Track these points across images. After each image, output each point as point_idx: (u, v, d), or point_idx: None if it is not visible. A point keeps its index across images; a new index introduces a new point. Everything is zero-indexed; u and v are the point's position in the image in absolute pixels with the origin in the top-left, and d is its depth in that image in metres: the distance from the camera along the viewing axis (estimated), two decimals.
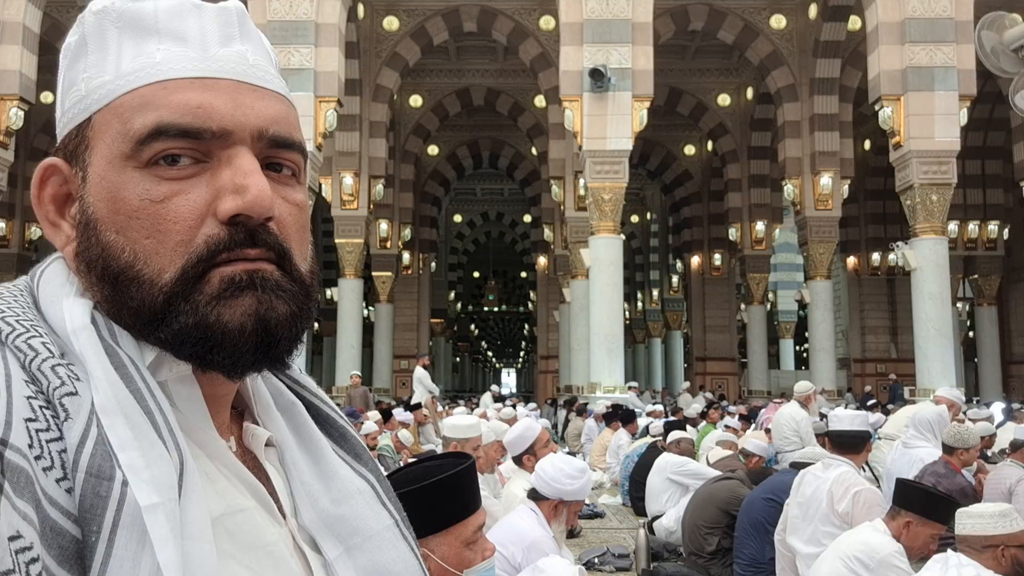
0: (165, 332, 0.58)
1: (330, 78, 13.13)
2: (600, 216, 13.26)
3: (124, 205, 0.58)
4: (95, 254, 0.59)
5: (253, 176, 0.59)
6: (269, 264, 0.60)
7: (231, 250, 0.58)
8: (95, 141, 0.60)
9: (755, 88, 21.19)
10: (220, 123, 0.59)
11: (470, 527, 1.82)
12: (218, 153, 0.59)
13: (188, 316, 0.57)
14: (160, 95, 0.59)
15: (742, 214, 21.81)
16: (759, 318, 22.28)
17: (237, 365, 0.60)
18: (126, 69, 0.60)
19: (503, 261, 41.14)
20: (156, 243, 0.58)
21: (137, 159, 0.58)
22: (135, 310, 0.58)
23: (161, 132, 0.58)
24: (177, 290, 0.58)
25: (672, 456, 6.96)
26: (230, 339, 0.58)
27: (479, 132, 25.43)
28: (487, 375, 65.03)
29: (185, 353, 0.59)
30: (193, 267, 0.58)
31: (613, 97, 12.89)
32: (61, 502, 0.51)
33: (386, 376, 21.18)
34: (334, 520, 0.66)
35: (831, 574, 3.38)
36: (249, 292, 0.59)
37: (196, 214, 0.58)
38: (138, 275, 0.58)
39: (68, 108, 0.62)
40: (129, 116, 0.59)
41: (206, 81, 0.60)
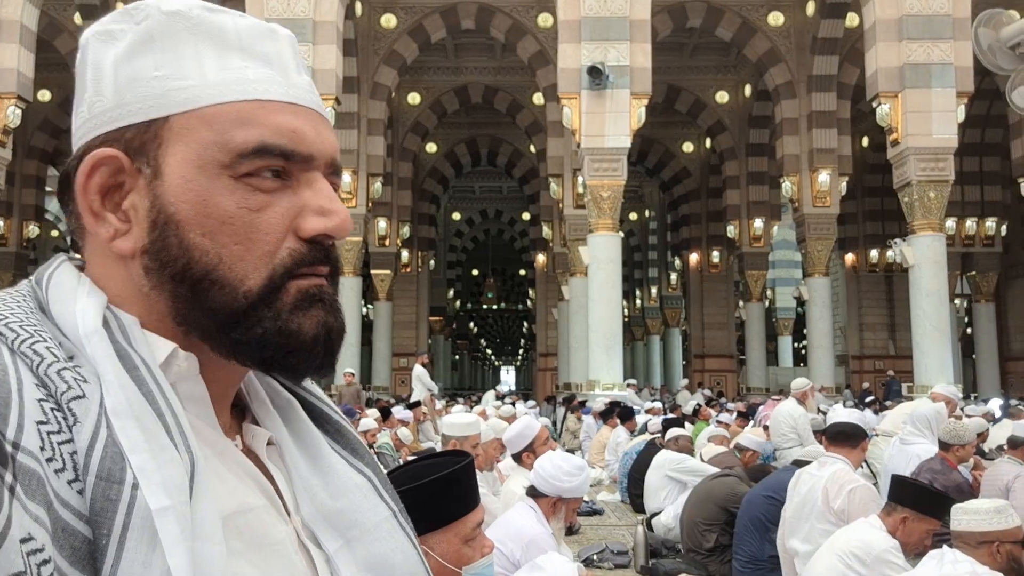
0: (244, 335, 0.61)
1: (328, 76, 13.13)
2: (599, 214, 13.27)
3: (217, 210, 0.61)
4: (174, 253, 0.61)
5: (337, 202, 0.65)
6: (326, 280, 0.65)
7: (310, 265, 0.63)
8: (173, 142, 0.62)
9: (753, 85, 21.19)
10: (308, 149, 0.64)
11: (469, 524, 1.83)
12: (298, 174, 0.64)
13: (270, 322, 0.61)
14: (259, 114, 0.62)
15: (740, 211, 21.81)
16: (757, 315, 22.29)
17: (307, 370, 0.64)
18: (213, 79, 0.62)
19: (502, 259, 41.10)
20: (243, 250, 0.61)
21: (233, 170, 0.61)
22: (213, 311, 0.61)
23: (264, 150, 0.61)
24: (261, 297, 0.61)
25: (670, 453, 6.98)
26: (305, 346, 0.62)
27: (477, 130, 25.41)
28: (486, 373, 65.03)
29: (261, 355, 0.62)
30: (279, 278, 0.62)
31: (611, 95, 12.89)
32: (73, 503, 0.52)
33: (385, 374, 21.18)
34: (333, 514, 0.67)
35: (827, 571, 3.40)
36: (318, 304, 0.63)
37: (282, 227, 0.62)
38: (221, 278, 0.61)
39: (130, 101, 0.62)
40: (227, 128, 0.61)
41: (294, 107, 0.64)
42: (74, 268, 0.64)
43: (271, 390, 0.73)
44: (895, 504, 3.38)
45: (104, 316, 0.59)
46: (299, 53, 0.70)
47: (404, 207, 22.30)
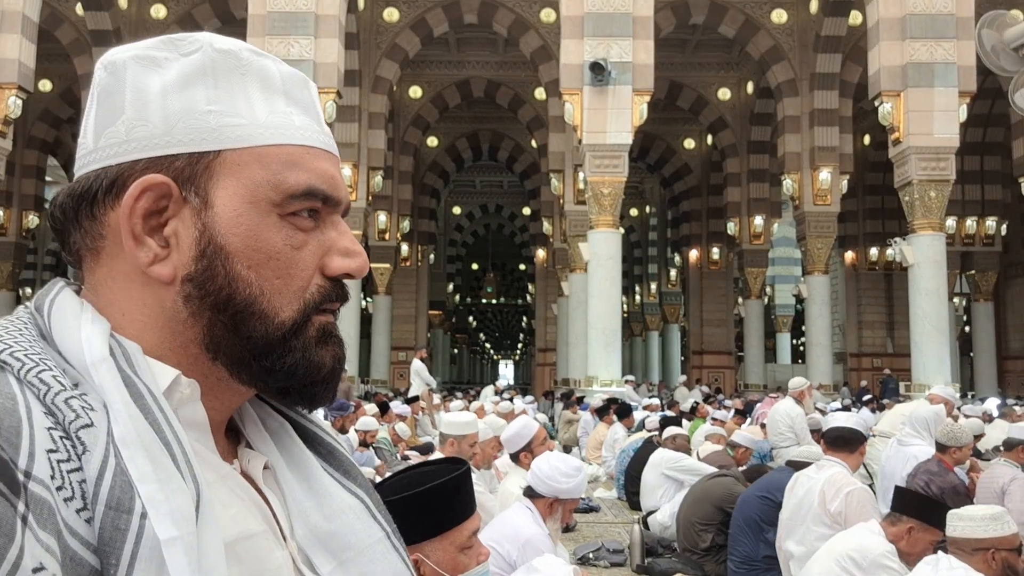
0: (275, 363, 0.64)
1: (329, 69, 13.10)
2: (599, 210, 13.27)
3: (266, 245, 0.64)
4: (220, 283, 0.63)
5: (358, 244, 0.69)
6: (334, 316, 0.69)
7: (331, 301, 0.67)
8: (224, 176, 0.64)
9: (755, 82, 21.15)
10: (338, 194, 0.68)
11: (464, 532, 1.84)
12: (325, 216, 0.68)
13: (300, 353, 0.65)
14: (306, 159, 0.66)
15: (741, 208, 21.79)
16: (756, 312, 22.29)
17: (324, 399, 0.69)
18: (265, 121, 0.65)
19: (502, 254, 41.07)
20: (283, 284, 0.65)
21: (282, 208, 0.65)
22: (250, 339, 0.64)
23: (311, 193, 0.65)
24: (293, 330, 0.65)
25: (667, 452, 6.99)
26: (325, 377, 0.67)
27: (479, 124, 25.36)
28: (485, 367, 65.04)
29: (286, 383, 0.66)
30: (309, 312, 0.65)
31: (613, 91, 12.88)
32: (82, 532, 0.52)
33: (384, 368, 21.19)
34: (326, 536, 0.68)
35: (824, 574, 3.41)
36: (332, 339, 0.68)
37: (314, 265, 0.66)
38: (261, 310, 0.64)
39: (181, 130, 0.63)
40: (279, 169, 0.65)
41: (328, 155, 0.69)
42: (74, 294, 0.64)
43: (263, 413, 0.74)
44: (900, 515, 3.38)
45: (108, 344, 0.60)
46: None
47: (404, 201, 22.28)
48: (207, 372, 0.65)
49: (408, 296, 23.63)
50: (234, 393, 0.67)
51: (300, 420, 0.75)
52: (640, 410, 11.79)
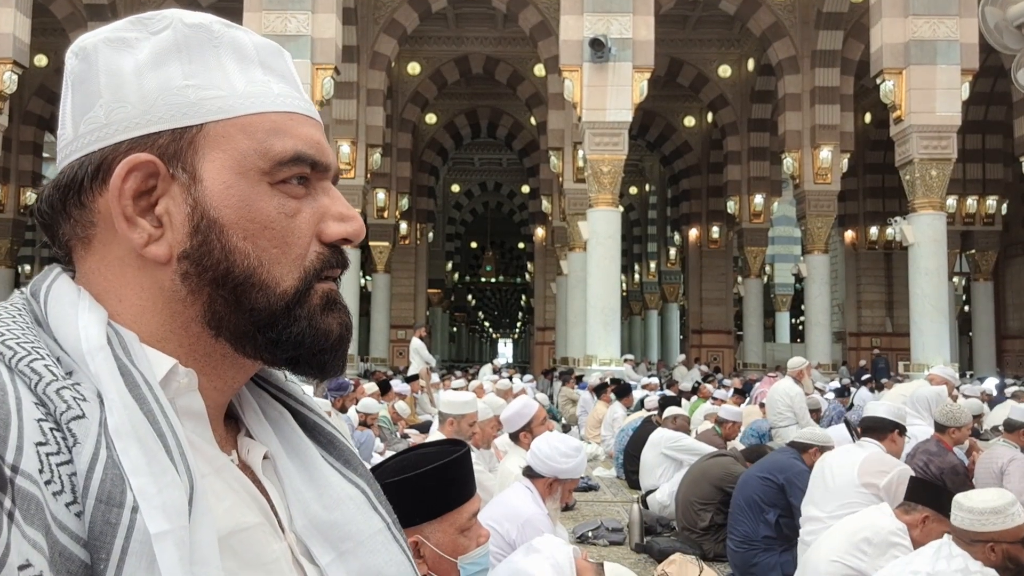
0: (280, 334, 0.64)
1: (327, 45, 12.97)
2: (599, 188, 13.20)
3: (260, 214, 0.63)
4: (217, 257, 0.62)
5: (353, 209, 0.68)
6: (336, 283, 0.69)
7: (331, 268, 0.66)
8: (209, 149, 0.63)
9: (756, 60, 21.01)
10: (326, 159, 0.67)
11: (464, 514, 1.83)
12: (315, 183, 0.67)
13: (306, 321, 0.64)
14: (290, 125, 0.65)
15: (741, 187, 21.73)
16: (756, 291, 22.28)
17: (333, 368, 0.67)
18: (244, 91, 0.64)
19: (501, 232, 41.01)
20: (280, 253, 0.63)
21: (272, 176, 0.64)
22: (253, 311, 0.63)
23: (299, 159, 0.64)
24: (297, 298, 0.64)
25: (667, 431, 7.00)
26: (333, 344, 0.66)
27: (478, 101, 25.21)
28: (484, 346, 65.18)
29: (294, 353, 0.65)
30: (310, 280, 0.65)
31: (613, 67, 12.77)
32: (71, 527, 0.51)
33: (383, 346, 21.21)
34: (326, 526, 0.67)
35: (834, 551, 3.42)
36: (337, 306, 0.67)
37: (310, 232, 0.65)
38: (260, 280, 0.63)
39: (160, 108, 0.62)
40: (264, 137, 0.64)
41: (311, 120, 0.68)
42: (72, 280, 0.63)
43: (263, 402, 0.73)
44: (915, 504, 3.38)
45: (105, 332, 0.59)
46: None
47: (403, 179, 22.18)
48: (210, 350, 0.64)
49: (407, 274, 23.60)
50: (239, 369, 0.67)
51: (300, 408, 0.74)
52: (639, 389, 11.81)
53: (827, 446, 4.89)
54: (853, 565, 3.26)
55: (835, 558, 3.34)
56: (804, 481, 4.75)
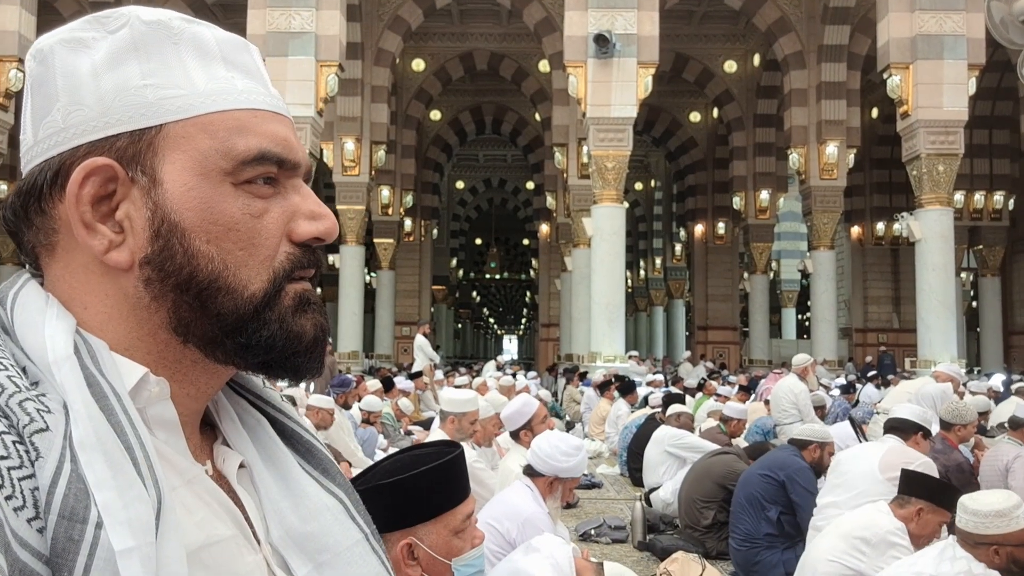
0: (250, 338, 0.62)
1: (331, 42, 12.96)
2: (603, 184, 13.17)
3: (223, 216, 0.61)
4: (179, 261, 0.60)
5: (324, 207, 0.66)
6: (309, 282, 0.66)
7: (303, 268, 0.64)
8: (169, 150, 0.61)
9: (762, 55, 20.92)
10: (296, 157, 0.65)
11: (459, 516, 1.81)
12: (284, 181, 0.65)
13: (276, 325, 0.62)
14: (254, 122, 0.63)
15: (746, 182, 21.65)
16: (761, 287, 22.23)
17: (308, 370, 0.65)
18: (204, 88, 0.62)
19: (505, 228, 40.96)
20: (247, 255, 0.62)
21: (235, 176, 0.62)
22: (220, 316, 0.61)
23: (264, 157, 0.62)
24: (266, 301, 0.62)
25: (670, 429, 6.97)
26: (307, 347, 0.64)
27: (482, 97, 25.17)
28: (489, 342, 65.18)
29: (266, 357, 0.63)
30: (280, 281, 0.63)
31: (618, 63, 12.73)
32: (32, 543, 0.49)
33: (388, 343, 21.23)
34: (302, 537, 0.66)
35: (831, 551, 3.39)
36: (312, 306, 0.65)
37: (279, 232, 0.63)
38: (226, 284, 0.61)
39: (118, 109, 0.60)
40: (226, 136, 0.62)
41: (278, 116, 0.66)
42: (40, 288, 0.62)
43: (240, 409, 0.72)
44: (908, 497, 3.36)
45: (73, 341, 0.57)
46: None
47: (407, 175, 22.17)
48: (180, 357, 0.62)
49: (411, 271, 23.61)
50: (211, 375, 0.65)
51: (277, 416, 0.73)
52: (644, 386, 11.78)
53: (826, 442, 4.87)
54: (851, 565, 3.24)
55: (832, 558, 3.32)
56: (804, 478, 4.73)
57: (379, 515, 1.75)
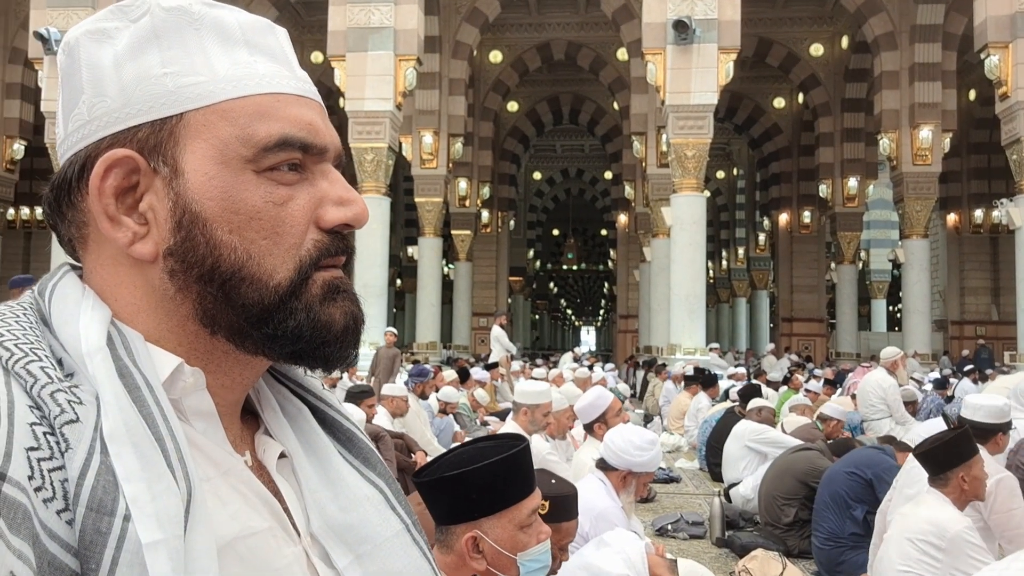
0: (276, 328, 0.60)
1: (409, 36, 13.09)
2: (683, 173, 12.93)
3: (244, 206, 0.60)
4: (202, 252, 0.59)
5: (354, 192, 0.64)
6: (342, 270, 0.65)
7: (332, 256, 0.63)
8: (190, 139, 0.60)
9: (851, 37, 20.17)
10: (323, 141, 0.63)
11: (524, 510, 1.78)
12: (312, 166, 0.63)
13: (303, 314, 0.61)
14: (276, 107, 0.62)
15: (834, 169, 20.98)
16: (850, 278, 21.53)
17: (339, 360, 0.64)
18: (225, 74, 0.61)
19: (583, 219, 40.74)
20: (271, 244, 0.60)
21: (257, 164, 0.60)
22: (244, 307, 0.60)
23: (286, 143, 0.61)
24: (292, 290, 0.61)
25: (751, 423, 6.80)
26: (337, 336, 0.63)
27: (559, 87, 25.07)
28: (567, 333, 65.04)
29: (294, 348, 0.62)
30: (306, 269, 0.61)
31: (698, 49, 12.45)
32: (61, 535, 0.49)
33: (465, 333, 21.43)
34: (342, 528, 0.65)
35: (901, 558, 3.24)
36: (343, 295, 0.63)
37: (306, 219, 0.62)
38: (251, 274, 0.60)
39: (139, 99, 0.60)
40: (247, 122, 0.60)
41: (304, 100, 0.64)
42: (78, 280, 0.62)
43: (281, 397, 0.71)
44: (943, 474, 3.30)
45: (108, 332, 0.57)
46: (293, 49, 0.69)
47: (484, 167, 22.27)
48: (210, 348, 0.62)
49: (488, 262, 23.73)
50: (245, 365, 0.64)
51: (319, 405, 0.73)
52: (725, 379, 11.54)
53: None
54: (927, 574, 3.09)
55: (905, 567, 3.17)
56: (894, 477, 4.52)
57: (443, 507, 1.76)
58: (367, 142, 13.02)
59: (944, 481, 3.30)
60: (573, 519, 2.62)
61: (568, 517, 2.57)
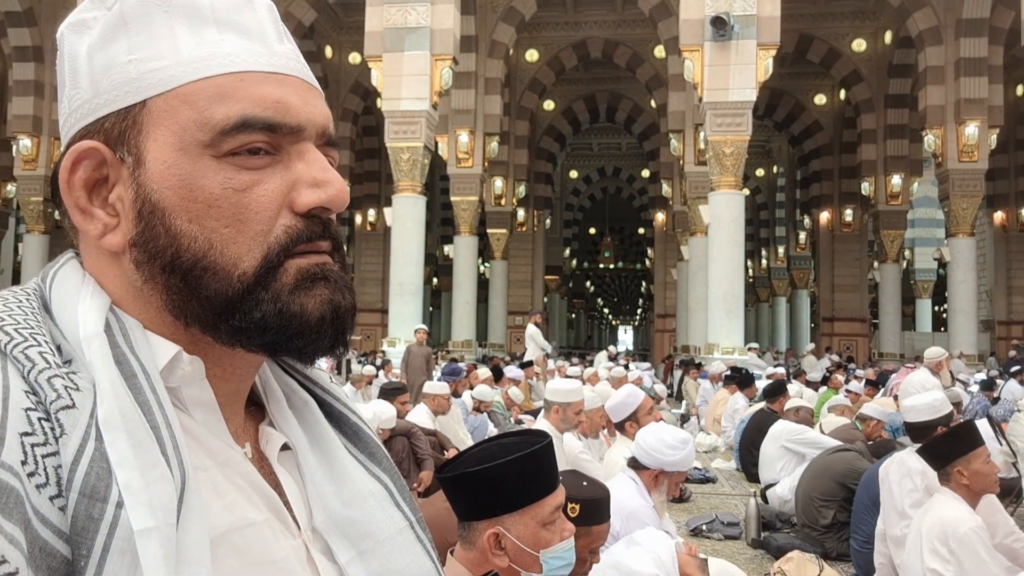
0: (242, 320, 0.58)
1: (446, 36, 13.13)
2: (721, 171, 12.79)
3: (202, 193, 0.58)
4: (162, 243, 0.58)
5: (331, 172, 0.61)
6: (329, 256, 0.62)
7: (308, 241, 0.60)
8: (152, 126, 0.58)
9: (894, 32, 19.76)
10: (296, 119, 0.60)
11: (547, 507, 1.76)
12: (287, 147, 0.60)
13: (269, 305, 0.58)
14: (238, 87, 0.59)
15: (876, 167, 20.58)
16: (893, 277, 21.11)
17: (315, 351, 0.61)
18: (189, 56, 0.59)
19: (620, 217, 40.51)
20: (235, 232, 0.58)
21: (216, 148, 0.58)
22: (207, 299, 0.58)
23: (247, 124, 0.58)
24: (257, 279, 0.58)
25: (788, 423, 6.69)
26: (310, 327, 0.59)
27: (596, 85, 24.96)
28: (603, 332, 64.77)
29: (263, 340, 0.59)
30: (275, 257, 0.59)
31: (736, 46, 12.30)
32: (53, 520, 0.49)
33: (501, 332, 21.44)
34: (346, 523, 0.65)
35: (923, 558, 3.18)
36: (322, 283, 0.60)
37: (275, 204, 0.59)
38: (213, 264, 0.58)
39: (106, 89, 0.59)
40: (206, 105, 0.58)
41: (278, 76, 0.61)
42: (80, 266, 0.62)
43: (288, 389, 0.71)
44: (943, 469, 3.28)
45: (107, 318, 0.57)
46: (280, 21, 0.65)
47: (520, 166, 22.25)
48: (192, 339, 0.60)
49: (524, 261, 23.71)
50: (233, 357, 0.62)
51: (325, 397, 0.72)
52: (763, 379, 11.38)
53: None
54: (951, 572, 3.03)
55: (931, 565, 3.11)
56: None
57: (465, 503, 1.75)
58: (403, 141, 13.09)
59: (946, 476, 3.29)
60: (605, 522, 2.57)
61: (600, 520, 2.51)
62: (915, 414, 4.14)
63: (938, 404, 4.09)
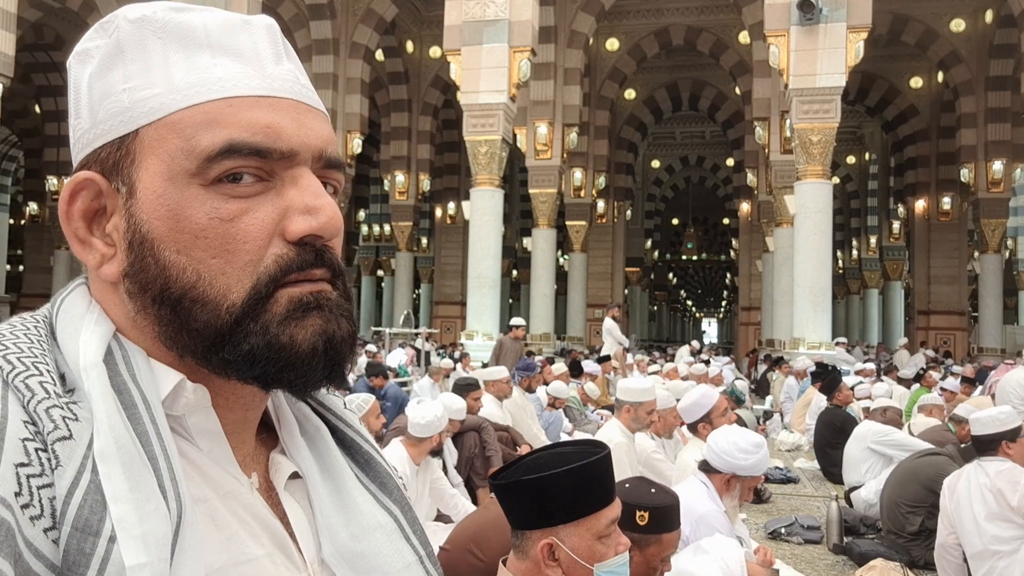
0: (231, 353, 0.57)
1: (524, 27, 13.08)
2: (807, 159, 12.37)
3: (189, 223, 0.57)
4: (152, 275, 0.57)
5: (324, 198, 0.59)
6: (327, 284, 0.60)
7: (301, 270, 0.58)
8: (144, 156, 0.58)
9: (996, 10, 18.72)
10: (288, 143, 0.58)
11: (603, 520, 1.73)
12: (281, 173, 0.59)
13: (258, 337, 0.57)
14: (226, 112, 0.58)
15: (977, 152, 19.58)
16: (994, 268, 20.07)
17: (307, 384, 0.60)
18: (180, 83, 0.58)
19: (703, 208, 39.73)
20: (223, 263, 0.57)
21: (203, 177, 0.57)
22: (197, 331, 0.57)
23: (232, 150, 0.57)
24: (246, 311, 0.57)
25: (874, 424, 6.41)
26: (301, 359, 0.58)
27: (678, 73, 24.50)
28: (687, 325, 63.72)
29: (253, 373, 0.58)
30: (265, 287, 0.57)
31: (824, 29, 11.86)
32: (46, 553, 0.48)
33: (579, 325, 21.33)
34: (353, 556, 0.64)
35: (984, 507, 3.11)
36: (315, 312, 0.58)
37: (265, 233, 0.57)
38: (202, 296, 0.57)
39: (103, 119, 0.59)
40: (193, 133, 0.57)
41: (270, 100, 0.59)
42: (87, 293, 0.62)
43: (301, 415, 0.70)
44: (989, 448, 3.36)
45: (109, 346, 0.57)
46: (283, 41, 0.64)
47: (600, 156, 22.05)
48: (190, 368, 0.59)
49: (604, 253, 23.50)
50: (234, 387, 0.61)
51: (338, 424, 0.71)
52: (852, 376, 10.97)
53: None
54: None
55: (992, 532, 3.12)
56: None
57: (519, 511, 1.72)
58: (481, 135, 13.14)
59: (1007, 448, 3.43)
60: (675, 529, 2.49)
61: (669, 528, 2.44)
62: (980, 427, 3.94)
63: (1004, 417, 3.89)
